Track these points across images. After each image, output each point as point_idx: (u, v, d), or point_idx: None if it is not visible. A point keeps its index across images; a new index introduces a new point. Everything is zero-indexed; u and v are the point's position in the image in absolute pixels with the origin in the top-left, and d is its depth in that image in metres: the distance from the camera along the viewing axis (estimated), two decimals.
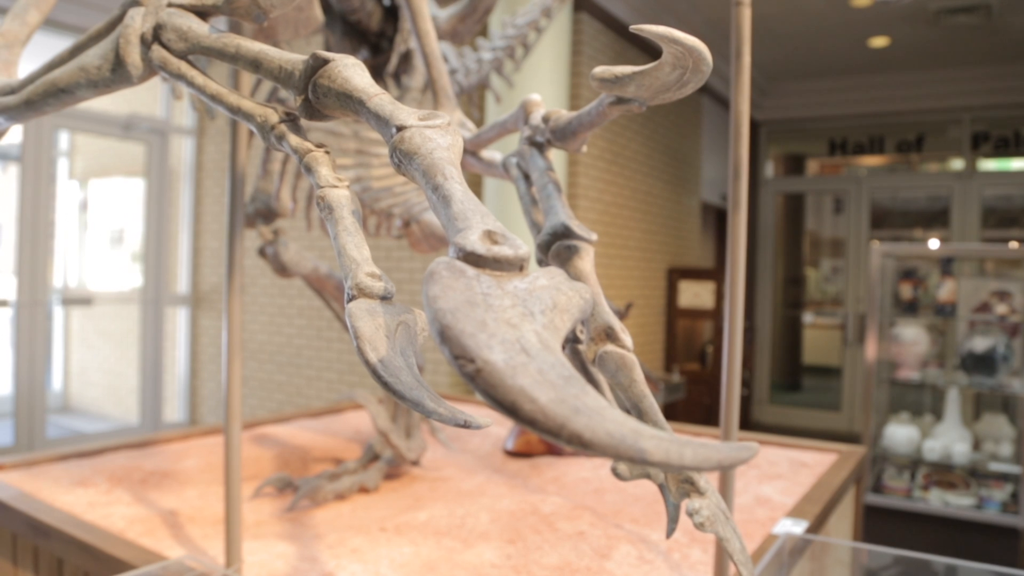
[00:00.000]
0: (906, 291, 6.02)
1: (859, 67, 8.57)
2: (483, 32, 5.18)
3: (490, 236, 0.54)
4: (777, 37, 7.53)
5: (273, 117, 0.85)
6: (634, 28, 0.78)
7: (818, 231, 10.63)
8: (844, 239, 9.64)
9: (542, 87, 4.84)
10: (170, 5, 0.94)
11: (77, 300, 7.84)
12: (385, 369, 0.59)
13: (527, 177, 1.26)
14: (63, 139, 8.61)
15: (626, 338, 1.00)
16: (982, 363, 5.30)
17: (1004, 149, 8.83)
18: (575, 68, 5.60)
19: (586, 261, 1.06)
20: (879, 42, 7.60)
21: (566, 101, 5.13)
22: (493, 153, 1.58)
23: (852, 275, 9.42)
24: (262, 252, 2.42)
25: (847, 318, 9.39)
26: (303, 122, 0.90)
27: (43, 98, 1.06)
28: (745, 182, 1.71)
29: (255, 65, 0.86)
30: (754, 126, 9.57)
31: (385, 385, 0.58)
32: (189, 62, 0.93)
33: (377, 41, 2.55)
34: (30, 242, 6.37)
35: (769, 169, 9.96)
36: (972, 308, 5.74)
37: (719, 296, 7.17)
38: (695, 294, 7.21)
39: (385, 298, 0.66)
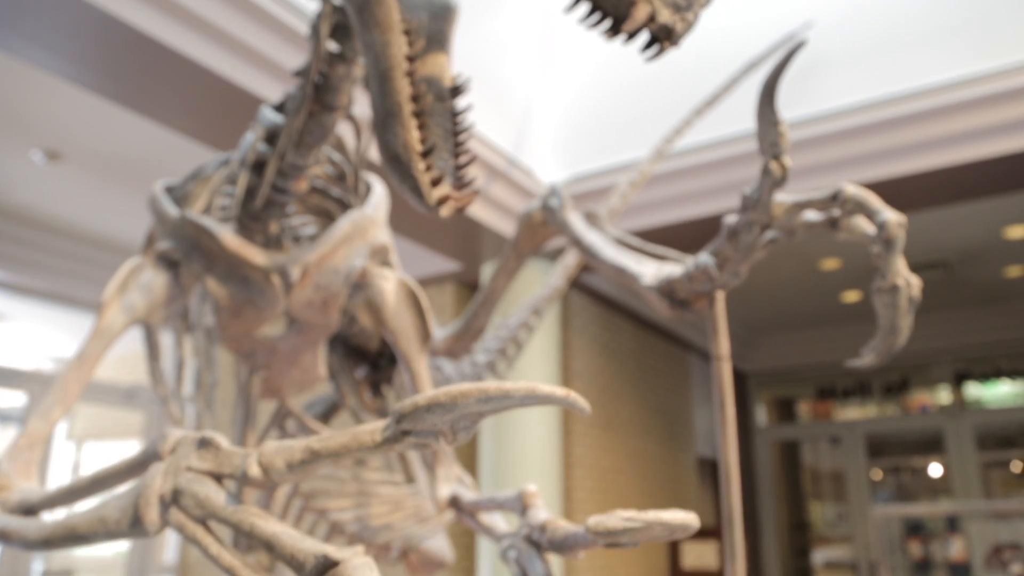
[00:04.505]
0: (915, 549, 5.85)
1: (835, 319, 8.96)
2: None
3: None
4: (754, 299, 7.93)
5: None
6: (605, 544, 0.85)
7: (816, 465, 10.56)
8: (843, 472, 9.56)
9: (534, 361, 5.01)
10: (189, 469, 1.01)
11: (58, 573, 7.52)
12: None
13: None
14: None
15: None
16: None
17: (986, 381, 9.08)
18: (565, 340, 5.83)
19: None
20: (851, 297, 8.01)
21: (557, 373, 5.28)
22: (494, 518, 1.61)
23: (857, 515, 9.19)
24: None
25: (859, 565, 9.03)
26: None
27: (62, 540, 1.11)
28: (740, 524, 1.74)
29: (268, 546, 0.91)
30: (742, 377, 9.80)
31: None
32: (206, 526, 0.98)
33: (376, 359, 2.68)
34: None
35: (761, 414, 10.06)
36: (984, 556, 5.56)
37: (723, 555, 6.92)
38: (698, 555, 6.97)
39: None
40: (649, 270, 1.90)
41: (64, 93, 4.21)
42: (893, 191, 4.46)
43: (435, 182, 1.10)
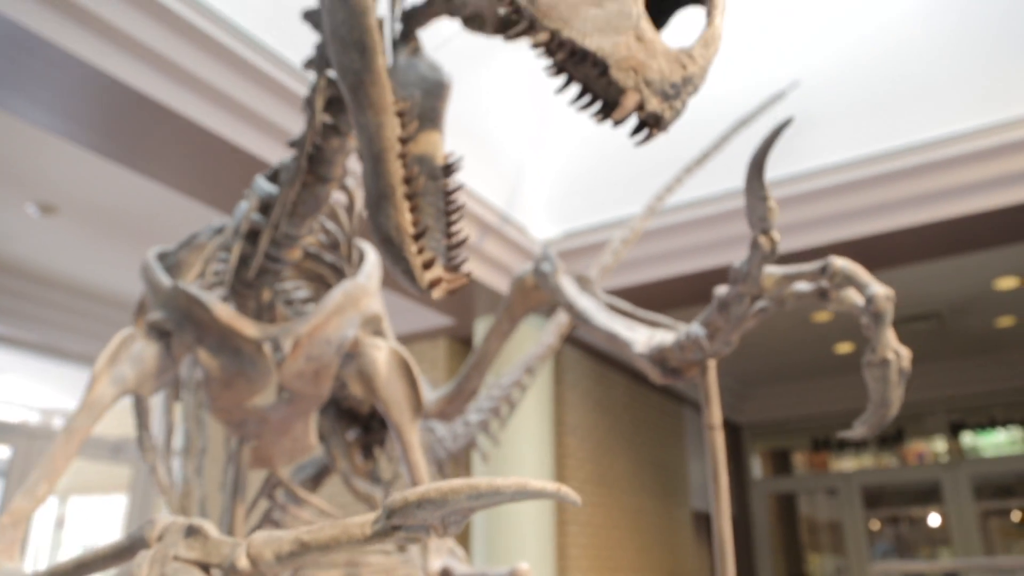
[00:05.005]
0: None
1: (828, 370, 8.96)
2: None
3: None
4: (748, 351, 7.93)
5: None
6: None
7: (813, 516, 10.48)
8: (841, 523, 9.47)
9: (527, 417, 4.97)
10: (176, 558, 0.99)
11: None
12: None
13: None
14: None
15: None
16: None
17: (982, 430, 9.08)
18: (559, 396, 5.80)
19: None
20: (844, 348, 8.02)
21: (551, 428, 5.24)
22: None
23: (855, 568, 9.09)
24: None
25: None
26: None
27: None
28: None
29: None
30: (736, 429, 9.76)
31: None
32: None
33: (368, 421, 2.66)
34: None
35: (756, 467, 9.99)
36: None
37: None
38: None
39: None
40: (641, 337, 1.90)
41: (58, 147, 4.24)
42: (885, 246, 4.50)
43: (427, 265, 1.11)
